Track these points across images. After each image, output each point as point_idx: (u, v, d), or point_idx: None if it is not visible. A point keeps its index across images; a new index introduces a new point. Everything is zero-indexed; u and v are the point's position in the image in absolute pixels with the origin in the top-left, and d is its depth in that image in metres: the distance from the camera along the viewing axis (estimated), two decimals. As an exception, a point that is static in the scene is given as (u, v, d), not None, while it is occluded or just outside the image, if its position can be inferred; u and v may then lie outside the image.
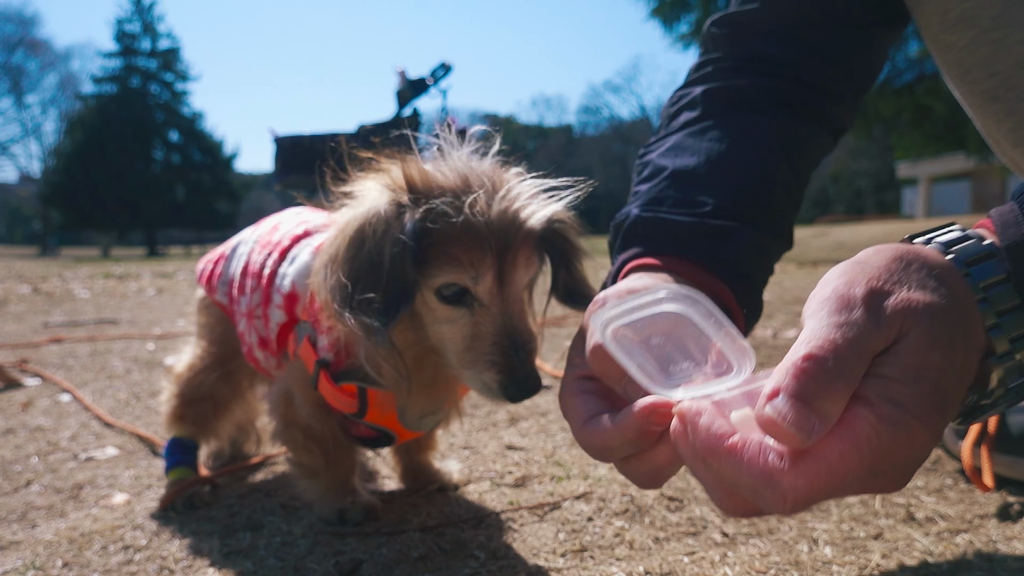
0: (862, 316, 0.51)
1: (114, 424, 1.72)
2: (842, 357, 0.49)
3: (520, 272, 0.82)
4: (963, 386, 0.54)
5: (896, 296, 0.53)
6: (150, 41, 37.18)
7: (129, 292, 6.37)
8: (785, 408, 0.48)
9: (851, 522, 1.06)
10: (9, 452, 1.52)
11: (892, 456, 0.49)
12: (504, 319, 0.81)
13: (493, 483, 1.27)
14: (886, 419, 0.49)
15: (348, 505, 1.08)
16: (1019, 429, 1.20)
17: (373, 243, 0.79)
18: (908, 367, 0.50)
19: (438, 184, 0.81)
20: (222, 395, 1.26)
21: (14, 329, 3.69)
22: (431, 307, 0.83)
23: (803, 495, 0.48)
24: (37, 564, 0.98)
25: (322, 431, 1.06)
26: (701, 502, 1.15)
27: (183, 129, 36.88)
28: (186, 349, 1.32)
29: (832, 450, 0.48)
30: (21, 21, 41.11)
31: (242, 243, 1.25)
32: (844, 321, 0.51)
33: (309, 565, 0.95)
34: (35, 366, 2.50)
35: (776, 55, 1.02)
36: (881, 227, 16.59)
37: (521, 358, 0.80)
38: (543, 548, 1.00)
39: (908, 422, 0.49)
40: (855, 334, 0.50)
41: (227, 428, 1.35)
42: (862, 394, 0.50)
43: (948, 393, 0.52)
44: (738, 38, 1.06)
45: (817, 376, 0.48)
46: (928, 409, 0.50)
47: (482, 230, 0.78)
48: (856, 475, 0.49)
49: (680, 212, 0.87)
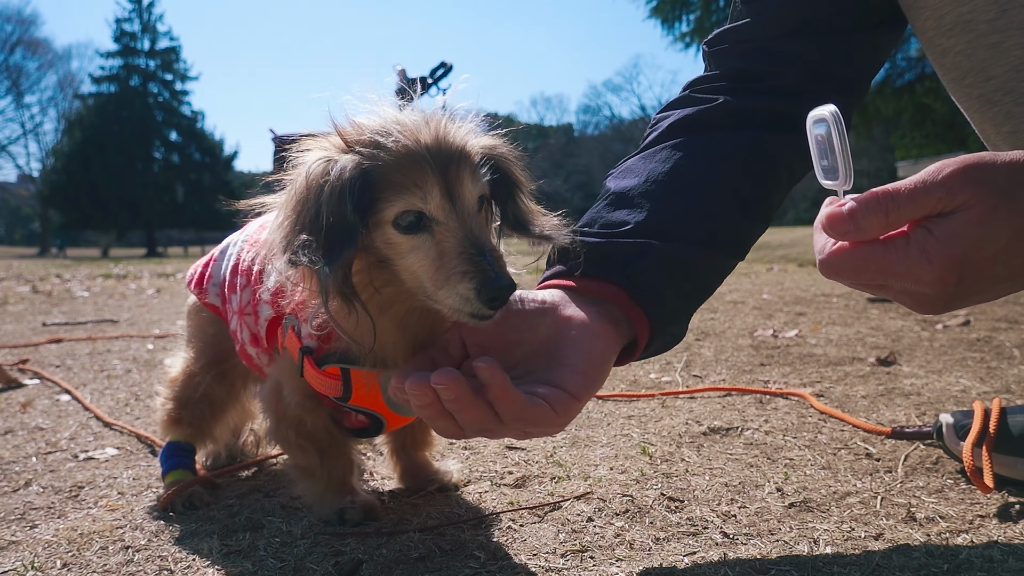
0: (934, 180, 0.66)
1: (113, 424, 1.72)
2: (892, 199, 0.66)
3: (467, 187, 0.83)
4: (1005, 273, 0.69)
5: (978, 179, 0.66)
6: (150, 41, 37.18)
7: (129, 292, 6.37)
8: (834, 212, 0.68)
9: (851, 522, 1.06)
10: (8, 452, 1.52)
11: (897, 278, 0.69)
12: (464, 231, 0.81)
13: (493, 483, 1.27)
14: (909, 256, 0.67)
15: (347, 505, 1.08)
16: (1020, 430, 1.20)
17: (311, 195, 0.81)
18: (948, 232, 0.66)
19: (371, 129, 0.83)
20: (217, 397, 1.26)
21: (13, 329, 3.69)
22: (394, 243, 0.83)
23: (828, 263, 0.71)
24: (36, 564, 0.98)
25: (314, 425, 1.06)
26: (701, 502, 1.15)
27: (183, 129, 36.89)
28: (178, 355, 1.32)
29: (859, 249, 0.69)
30: (20, 20, 41.12)
31: (231, 245, 1.26)
32: (921, 178, 0.67)
33: (309, 565, 0.95)
34: (34, 366, 2.49)
35: (758, 69, 1.04)
36: (881, 227, 16.54)
37: (490, 262, 0.80)
38: (543, 548, 1.00)
39: (922, 267, 0.67)
40: (914, 187, 0.66)
41: (223, 431, 1.35)
42: (908, 231, 0.68)
43: (975, 267, 0.67)
44: (723, 55, 1.08)
45: (867, 202, 0.67)
46: (947, 267, 0.67)
47: (421, 153, 0.82)
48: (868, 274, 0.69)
49: (599, 233, 0.95)
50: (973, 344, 2.61)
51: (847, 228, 0.67)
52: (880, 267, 0.69)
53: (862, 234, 0.68)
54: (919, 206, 0.67)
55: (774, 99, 1.02)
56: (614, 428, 1.60)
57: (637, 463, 1.35)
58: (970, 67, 0.92)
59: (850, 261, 0.70)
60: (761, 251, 14.64)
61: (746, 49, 1.06)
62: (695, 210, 0.96)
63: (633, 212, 0.95)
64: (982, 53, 0.89)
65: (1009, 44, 0.87)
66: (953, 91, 0.99)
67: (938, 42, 0.94)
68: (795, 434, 1.52)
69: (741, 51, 1.06)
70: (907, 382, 2.00)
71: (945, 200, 0.66)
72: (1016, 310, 3.67)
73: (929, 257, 0.67)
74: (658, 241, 0.93)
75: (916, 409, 1.71)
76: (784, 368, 2.26)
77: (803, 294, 4.85)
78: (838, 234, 0.69)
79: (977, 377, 2.04)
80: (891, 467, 1.30)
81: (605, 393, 1.90)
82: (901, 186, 0.67)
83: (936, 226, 0.67)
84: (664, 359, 2.44)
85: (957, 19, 0.90)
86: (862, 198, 0.67)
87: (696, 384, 2.04)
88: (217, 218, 36.35)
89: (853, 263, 0.70)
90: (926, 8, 0.94)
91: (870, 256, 0.69)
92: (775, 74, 1.03)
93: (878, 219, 0.67)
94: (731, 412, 1.71)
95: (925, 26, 0.95)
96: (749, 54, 1.05)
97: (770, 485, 1.21)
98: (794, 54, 1.03)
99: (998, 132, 0.94)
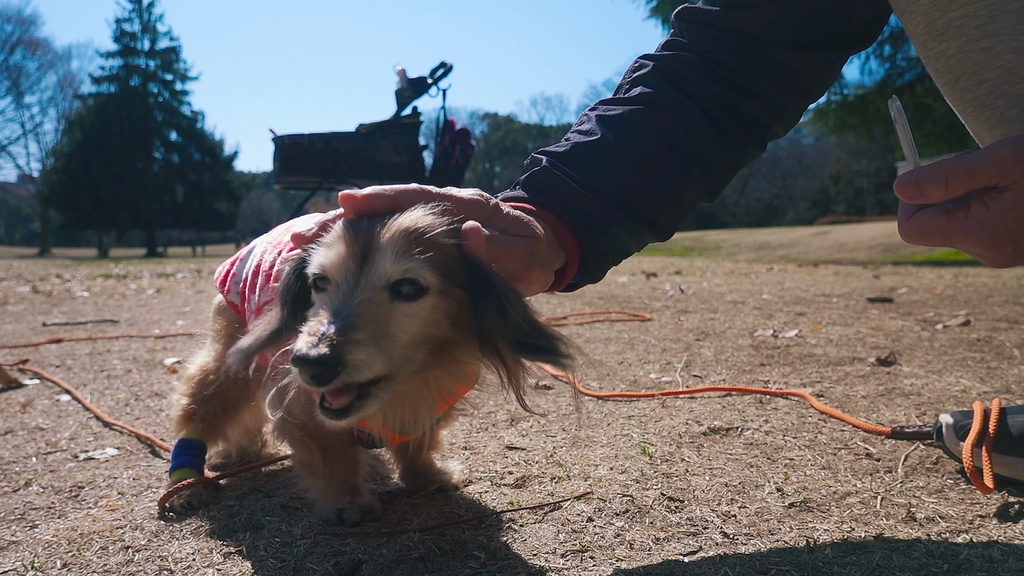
0: (989, 158, 0.75)
1: (113, 424, 1.72)
2: (952, 170, 0.76)
3: (385, 261, 0.79)
4: None
5: None
6: (149, 41, 37.20)
7: (129, 292, 6.37)
8: (904, 179, 0.79)
9: (851, 522, 1.06)
10: (8, 452, 1.52)
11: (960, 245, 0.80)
12: (346, 297, 0.77)
13: (493, 483, 1.27)
14: (967, 227, 0.78)
15: (346, 505, 1.08)
16: (1019, 430, 1.20)
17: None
18: (1001, 207, 0.76)
19: None
20: (231, 397, 1.26)
21: (13, 329, 3.69)
22: None
23: (906, 230, 0.83)
24: (36, 565, 0.98)
25: (318, 427, 1.06)
26: (701, 502, 1.15)
27: (183, 129, 36.89)
28: (199, 352, 1.32)
29: (923, 215, 0.81)
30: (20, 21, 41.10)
31: (257, 245, 1.28)
32: (979, 154, 0.75)
33: (309, 565, 0.95)
34: (34, 366, 2.49)
35: (728, 61, 1.11)
36: (882, 227, 16.57)
37: (328, 331, 0.74)
38: (543, 548, 1.00)
39: (979, 236, 0.78)
40: (972, 162, 0.75)
41: (235, 431, 1.35)
42: (970, 203, 0.78)
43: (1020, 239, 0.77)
44: (697, 33, 1.15)
45: (930, 171, 0.76)
46: (1001, 236, 0.77)
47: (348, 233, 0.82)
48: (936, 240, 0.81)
49: (575, 179, 1.04)
50: (973, 344, 2.61)
51: (913, 193, 0.79)
52: (945, 235, 0.80)
53: (926, 198, 0.78)
54: (974, 179, 0.76)
55: (742, 97, 1.11)
56: (614, 428, 1.60)
57: (637, 463, 1.35)
58: (962, 71, 0.93)
59: (921, 229, 0.82)
60: (761, 251, 14.64)
61: (718, 38, 1.13)
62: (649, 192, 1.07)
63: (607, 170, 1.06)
64: (974, 57, 0.90)
65: (1000, 48, 0.88)
66: (947, 94, 1.00)
67: (930, 46, 0.95)
68: (795, 434, 1.52)
69: (713, 38, 1.13)
70: (907, 382, 2.00)
71: (998, 177, 0.75)
72: (1016, 310, 3.67)
73: (984, 228, 0.77)
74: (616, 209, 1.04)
75: (916, 409, 1.71)
76: (784, 368, 2.26)
77: (803, 294, 4.85)
78: (906, 197, 0.80)
79: (977, 377, 2.04)
80: (891, 467, 1.30)
81: (605, 393, 1.90)
82: (961, 160, 0.76)
83: (992, 200, 0.77)
84: (664, 359, 2.44)
85: (948, 24, 0.91)
86: (925, 168, 0.77)
87: (696, 384, 2.04)
88: (217, 218, 36.34)
89: (924, 230, 0.82)
90: (918, 13, 0.94)
91: (937, 226, 0.80)
92: (746, 74, 1.11)
93: (938, 187, 0.77)
94: (731, 412, 1.71)
95: (917, 30, 0.96)
96: (721, 43, 1.12)
97: (770, 485, 1.21)
98: (764, 58, 1.11)
99: (991, 135, 0.94)
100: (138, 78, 36.71)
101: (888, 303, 4.18)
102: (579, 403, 1.81)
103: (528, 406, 0.84)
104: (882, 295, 4.62)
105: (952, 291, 4.90)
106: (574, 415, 1.72)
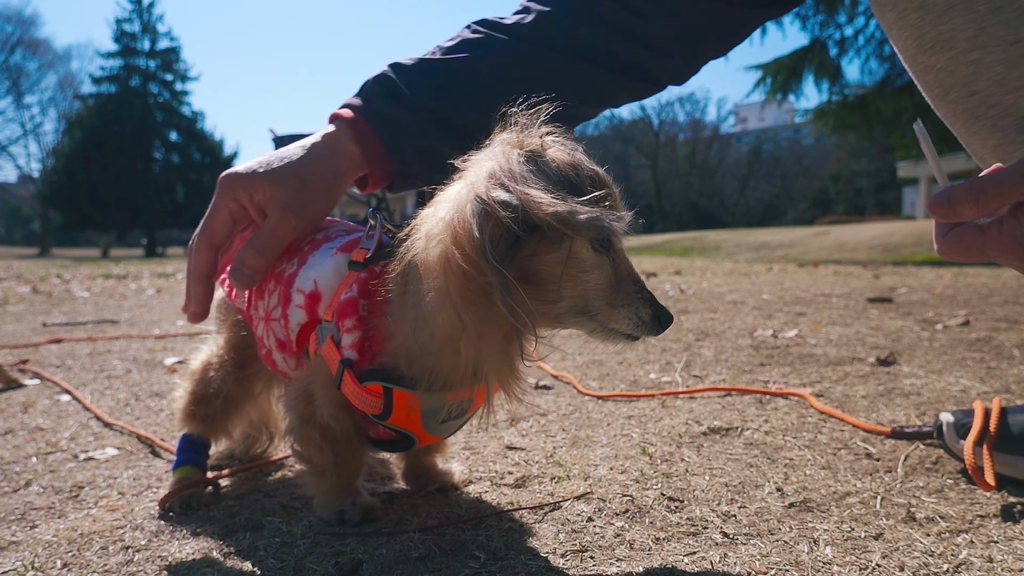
0: (1018, 174, 0.74)
1: (114, 424, 1.72)
2: (982, 188, 0.75)
3: None
4: None
5: None
6: (150, 41, 37.16)
7: (129, 292, 6.37)
8: (937, 199, 0.79)
9: (851, 522, 1.06)
10: (8, 452, 1.52)
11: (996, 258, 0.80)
12: (629, 263, 0.91)
13: (493, 483, 1.27)
14: (1001, 241, 0.77)
15: (348, 506, 1.08)
16: (1020, 429, 1.20)
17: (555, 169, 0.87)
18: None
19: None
20: (234, 395, 1.25)
21: (14, 329, 3.69)
22: (580, 259, 0.86)
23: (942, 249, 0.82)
24: (36, 565, 0.98)
25: (340, 432, 1.06)
26: (701, 502, 1.15)
27: (183, 129, 36.86)
28: (203, 348, 1.32)
29: (958, 232, 0.80)
30: (20, 21, 41.10)
31: None
32: (1008, 171, 0.75)
33: (309, 565, 0.95)
34: (35, 366, 2.49)
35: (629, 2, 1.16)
36: (882, 227, 16.58)
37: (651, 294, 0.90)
38: (543, 548, 1.00)
39: (1013, 249, 0.77)
40: (1000, 179, 0.75)
41: (239, 428, 1.35)
42: (1004, 218, 0.77)
43: None
44: None
45: (964, 189, 0.76)
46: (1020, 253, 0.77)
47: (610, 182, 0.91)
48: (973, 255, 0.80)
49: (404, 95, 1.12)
50: (973, 344, 2.61)
51: (946, 212, 0.79)
52: (981, 250, 0.80)
53: (958, 217, 0.79)
54: (1004, 196, 0.76)
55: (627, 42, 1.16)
56: (614, 428, 1.60)
57: (637, 463, 1.35)
58: (952, 83, 0.93)
59: (957, 246, 0.83)
60: (761, 251, 14.64)
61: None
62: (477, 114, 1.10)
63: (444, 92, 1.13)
64: (964, 69, 0.91)
65: (989, 60, 0.88)
66: (938, 107, 1.00)
67: (920, 60, 0.96)
68: (795, 434, 1.52)
69: None
70: (907, 382, 2.00)
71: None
72: (1016, 310, 3.67)
73: (1018, 241, 0.77)
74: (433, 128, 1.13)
75: (916, 409, 1.71)
76: (784, 368, 2.26)
77: (803, 294, 4.86)
78: (939, 216, 0.80)
79: (977, 377, 2.04)
80: (891, 467, 1.30)
81: (605, 393, 1.91)
82: (990, 177, 0.77)
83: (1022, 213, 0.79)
84: (664, 359, 2.44)
85: (937, 37, 0.91)
86: (956, 187, 0.78)
87: (696, 384, 2.04)
88: (217, 218, 36.22)
89: (960, 247, 0.82)
90: (907, 28, 0.95)
91: (972, 242, 0.80)
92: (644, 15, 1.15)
93: (969, 205, 0.77)
94: (731, 412, 1.71)
95: (906, 45, 0.97)
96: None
97: (770, 485, 1.21)
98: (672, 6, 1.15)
99: (984, 146, 0.95)
100: (138, 78, 36.69)
101: (888, 303, 4.18)
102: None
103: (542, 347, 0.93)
104: (882, 295, 4.63)
105: (952, 291, 4.90)
106: (574, 415, 1.72)
